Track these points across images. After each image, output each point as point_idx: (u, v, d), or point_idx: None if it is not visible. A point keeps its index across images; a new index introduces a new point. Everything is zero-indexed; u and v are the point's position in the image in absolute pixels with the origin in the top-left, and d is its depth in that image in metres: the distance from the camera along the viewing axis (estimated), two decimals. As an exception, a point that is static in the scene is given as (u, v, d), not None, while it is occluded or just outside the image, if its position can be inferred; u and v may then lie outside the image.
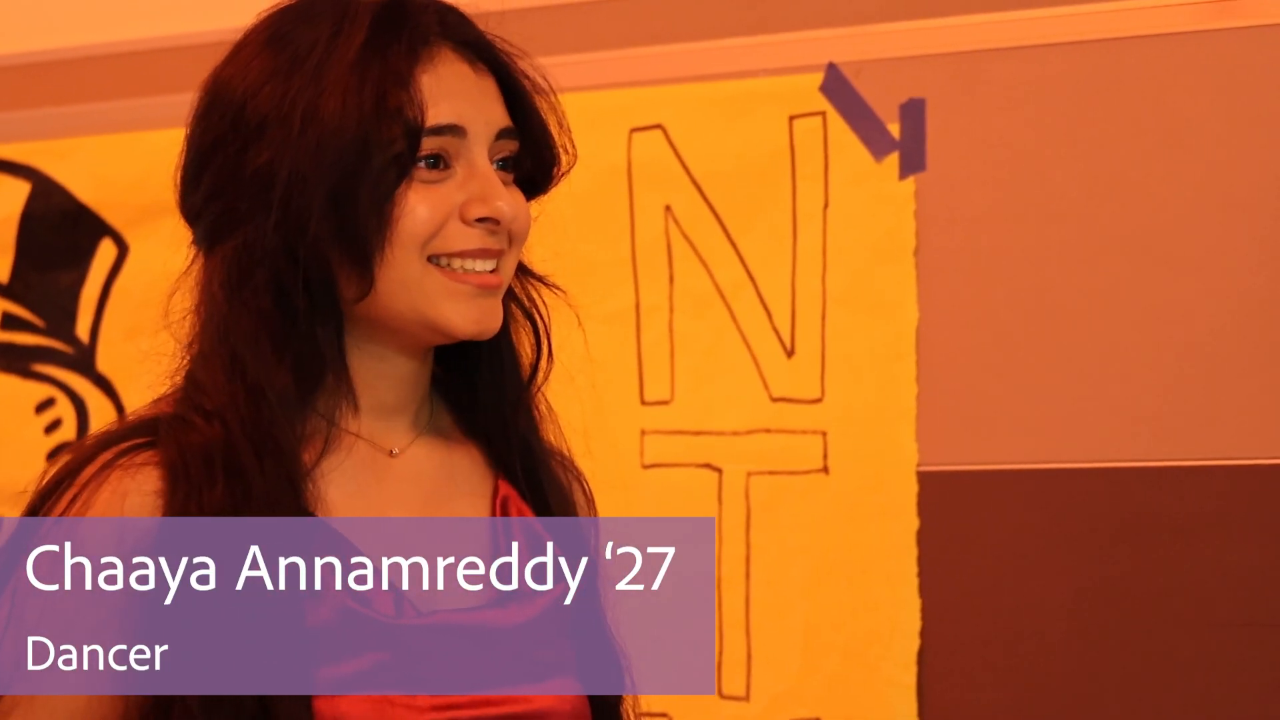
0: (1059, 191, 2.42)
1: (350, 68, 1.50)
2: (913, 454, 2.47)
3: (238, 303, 1.51)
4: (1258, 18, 2.35)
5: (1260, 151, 2.33)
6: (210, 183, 1.54)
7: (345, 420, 1.56)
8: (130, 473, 1.49)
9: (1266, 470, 2.32)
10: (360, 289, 1.52)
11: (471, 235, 1.54)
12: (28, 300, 3.03)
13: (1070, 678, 2.40)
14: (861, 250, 2.51)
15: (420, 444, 1.61)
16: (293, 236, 1.50)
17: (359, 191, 1.49)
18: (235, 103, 1.53)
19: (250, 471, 1.48)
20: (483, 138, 1.55)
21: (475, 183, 1.54)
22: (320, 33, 1.53)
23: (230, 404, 1.50)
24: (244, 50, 1.56)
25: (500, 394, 1.64)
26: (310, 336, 1.52)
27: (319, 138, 1.49)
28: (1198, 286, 2.36)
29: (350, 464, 1.56)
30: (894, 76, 2.50)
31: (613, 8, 2.62)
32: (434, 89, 1.52)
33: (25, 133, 3.02)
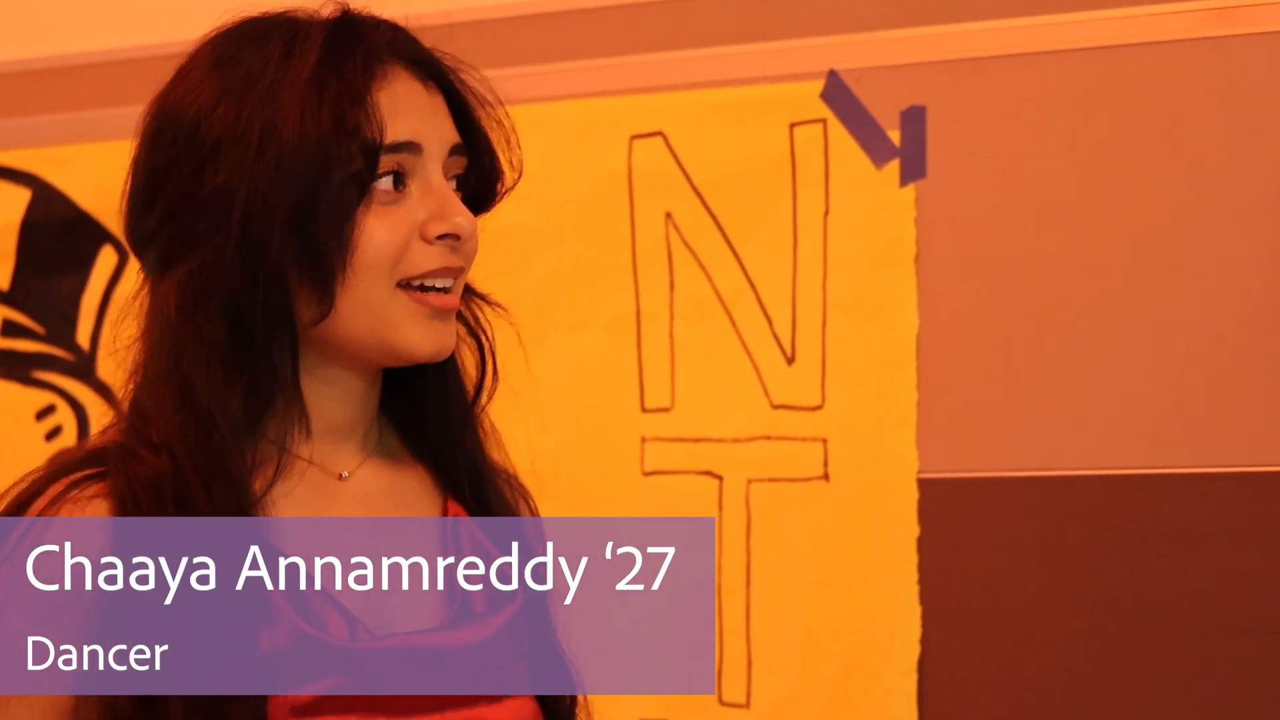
0: (1060, 198, 2.42)
1: (306, 85, 1.50)
2: (913, 461, 2.47)
3: (191, 327, 1.50)
4: (1258, 25, 2.35)
5: (1261, 158, 2.33)
6: (164, 206, 1.53)
7: (296, 445, 1.55)
8: (80, 506, 1.49)
9: (1267, 477, 2.32)
10: (319, 310, 1.51)
11: (434, 254, 1.54)
12: (28, 307, 3.03)
13: (1071, 685, 2.40)
14: (862, 257, 2.51)
15: (369, 466, 1.61)
16: (252, 257, 1.49)
17: (319, 212, 1.49)
18: (187, 124, 1.53)
19: (199, 503, 1.47)
20: (437, 154, 1.55)
21: (432, 200, 1.54)
22: (272, 52, 1.53)
23: (179, 434, 1.49)
24: (191, 73, 1.56)
25: (446, 413, 1.64)
26: (265, 359, 1.51)
27: (278, 156, 1.49)
28: (1198, 293, 2.36)
29: (301, 489, 1.56)
30: (895, 83, 2.50)
31: (613, 15, 2.62)
32: (390, 106, 1.52)
33: (26, 139, 3.02)
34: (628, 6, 2.62)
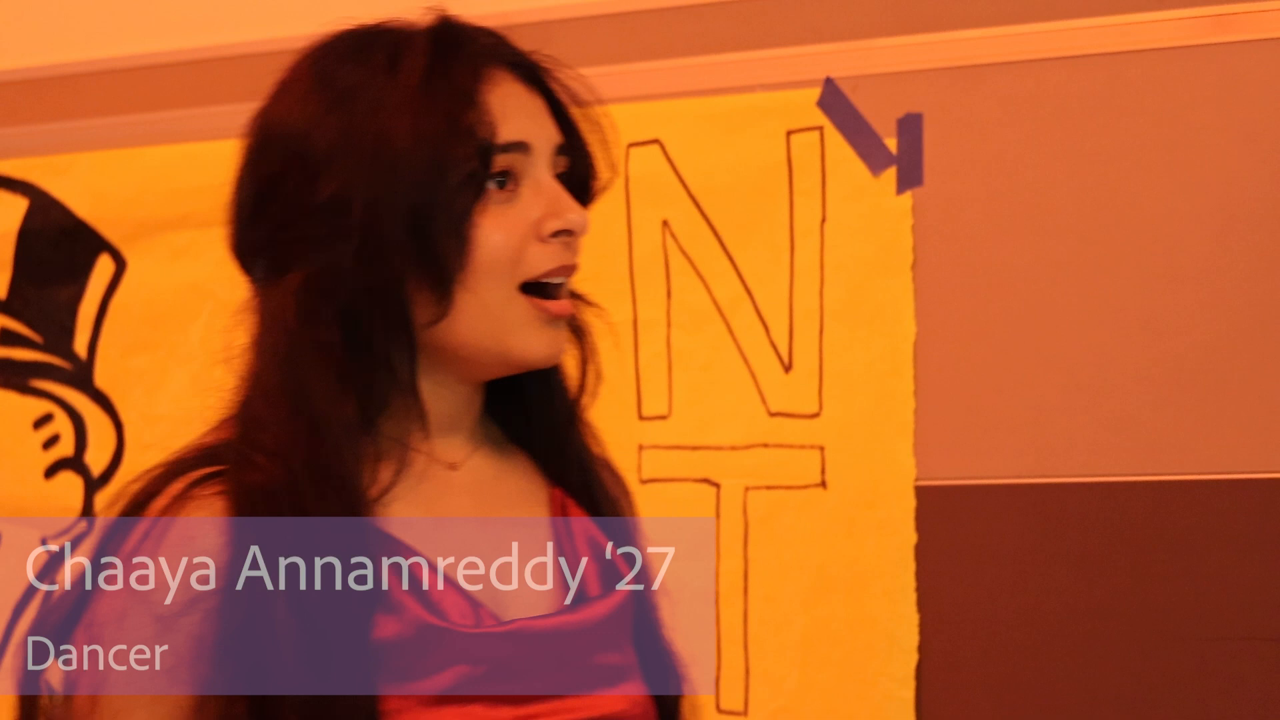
0: (1057, 206, 2.42)
1: (417, 90, 1.52)
2: (910, 468, 2.47)
3: (307, 333, 1.52)
4: (1256, 32, 2.35)
5: (1257, 164, 2.33)
6: (275, 216, 1.55)
7: (414, 440, 1.58)
8: (199, 505, 1.50)
9: (1265, 484, 2.32)
10: (438, 312, 1.53)
11: (551, 253, 1.56)
12: (25, 316, 3.03)
13: (1068, 692, 2.40)
14: (859, 265, 2.51)
15: (478, 456, 1.63)
16: (371, 262, 1.51)
17: (436, 213, 1.51)
18: (296, 135, 1.54)
19: (314, 512, 1.49)
20: (544, 154, 1.58)
21: (544, 198, 1.57)
22: (376, 62, 1.54)
23: (292, 442, 1.51)
24: (293, 88, 1.57)
25: (553, 411, 1.67)
26: (383, 363, 1.53)
27: (393, 161, 1.51)
28: (1195, 300, 2.36)
29: (418, 483, 1.58)
30: (891, 91, 2.50)
31: (610, 23, 2.62)
32: (499, 107, 1.55)
33: (23, 148, 3.02)
34: (624, 14, 2.62)
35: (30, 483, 3.01)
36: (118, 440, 2.96)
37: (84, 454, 2.98)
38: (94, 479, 2.97)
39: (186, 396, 2.91)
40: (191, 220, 2.89)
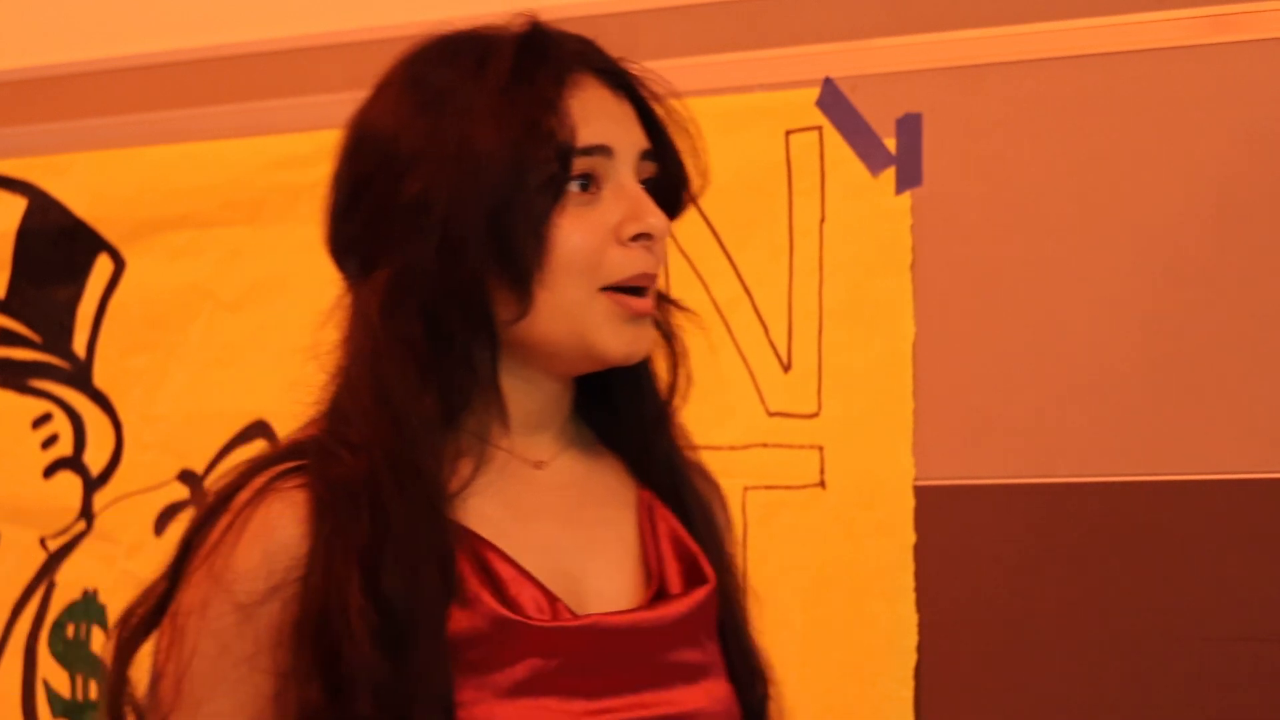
0: (1056, 206, 2.42)
1: (500, 94, 1.55)
2: (909, 468, 2.47)
3: (390, 329, 1.55)
4: (1255, 32, 2.35)
5: (1256, 164, 2.33)
6: (364, 214, 1.59)
7: (496, 437, 1.60)
8: (280, 497, 1.53)
9: (1264, 484, 2.32)
10: (518, 310, 1.56)
11: (631, 258, 1.58)
12: (24, 315, 3.03)
13: (1068, 693, 2.40)
14: (858, 265, 2.51)
15: (565, 456, 1.66)
16: (451, 259, 1.54)
17: (515, 213, 1.54)
18: (386, 137, 1.58)
19: (393, 504, 1.52)
20: (628, 158, 1.60)
21: (626, 202, 1.59)
22: (465, 66, 1.58)
23: (375, 436, 1.54)
24: (387, 91, 1.62)
25: (642, 414, 1.69)
26: (463, 359, 1.56)
27: (474, 163, 1.54)
28: (1194, 300, 2.36)
29: (499, 477, 1.60)
30: (890, 91, 2.50)
31: (607, 23, 2.62)
32: (581, 112, 1.57)
33: (22, 148, 3.02)
34: (622, 14, 2.62)
35: (29, 482, 3.01)
36: (116, 440, 2.96)
37: (83, 453, 2.98)
38: (92, 479, 2.97)
39: (185, 396, 2.91)
40: (190, 220, 2.90)
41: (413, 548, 1.51)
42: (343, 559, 1.50)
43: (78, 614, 2.97)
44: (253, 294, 2.87)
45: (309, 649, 1.50)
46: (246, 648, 1.51)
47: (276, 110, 2.84)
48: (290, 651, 1.51)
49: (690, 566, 1.66)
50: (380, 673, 1.48)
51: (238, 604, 1.51)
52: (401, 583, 1.50)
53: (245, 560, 1.52)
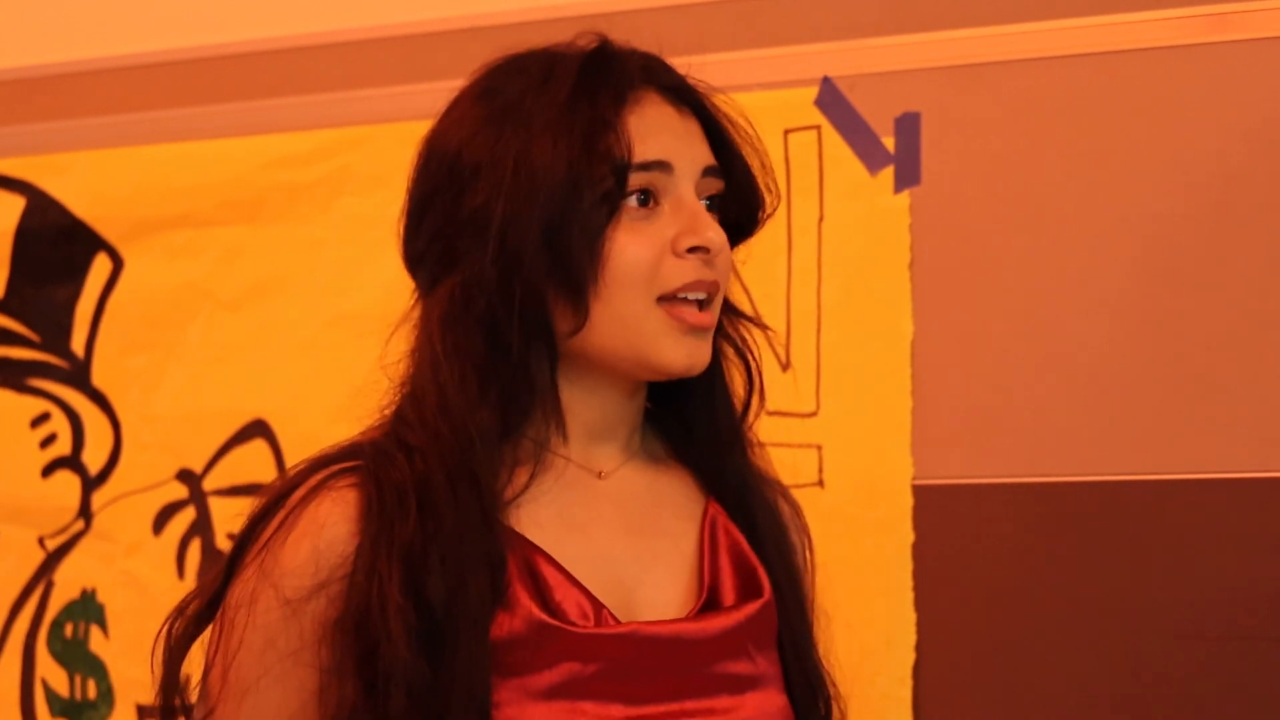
0: (1054, 205, 2.42)
1: (559, 113, 1.58)
2: (908, 467, 2.47)
3: (451, 339, 1.58)
4: (1253, 31, 2.35)
5: (1256, 163, 2.33)
6: (430, 228, 1.62)
7: (555, 446, 1.62)
8: (332, 495, 1.56)
9: (1263, 483, 2.32)
10: (575, 323, 1.58)
11: (687, 268, 1.60)
12: (23, 315, 3.03)
13: (1065, 691, 2.40)
14: (856, 264, 2.51)
15: (630, 467, 1.67)
16: (509, 272, 1.57)
17: (571, 228, 1.56)
18: (451, 152, 1.61)
19: (443, 505, 1.54)
20: (689, 174, 1.62)
21: (683, 216, 1.60)
22: (530, 82, 1.61)
23: (433, 442, 1.57)
24: (458, 106, 1.65)
25: (715, 429, 1.70)
26: (522, 369, 1.58)
27: (531, 178, 1.56)
28: (1193, 300, 2.36)
29: (556, 485, 1.62)
30: (889, 90, 2.50)
31: (606, 22, 2.61)
32: (640, 129, 1.60)
33: (20, 147, 3.02)
34: (620, 14, 2.61)
35: (27, 481, 3.01)
36: (115, 439, 2.96)
37: (81, 453, 2.98)
38: (91, 478, 2.97)
39: (184, 395, 2.91)
40: (189, 219, 2.90)
41: (461, 553, 1.53)
42: (386, 558, 1.52)
43: (76, 613, 2.97)
44: (251, 293, 2.87)
45: (349, 645, 1.52)
46: (292, 642, 1.54)
47: (275, 109, 2.84)
48: (332, 647, 1.53)
49: (748, 580, 1.67)
50: (415, 673, 1.50)
51: (285, 599, 1.54)
52: (445, 587, 1.52)
53: (294, 557, 1.55)
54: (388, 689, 1.50)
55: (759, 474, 1.74)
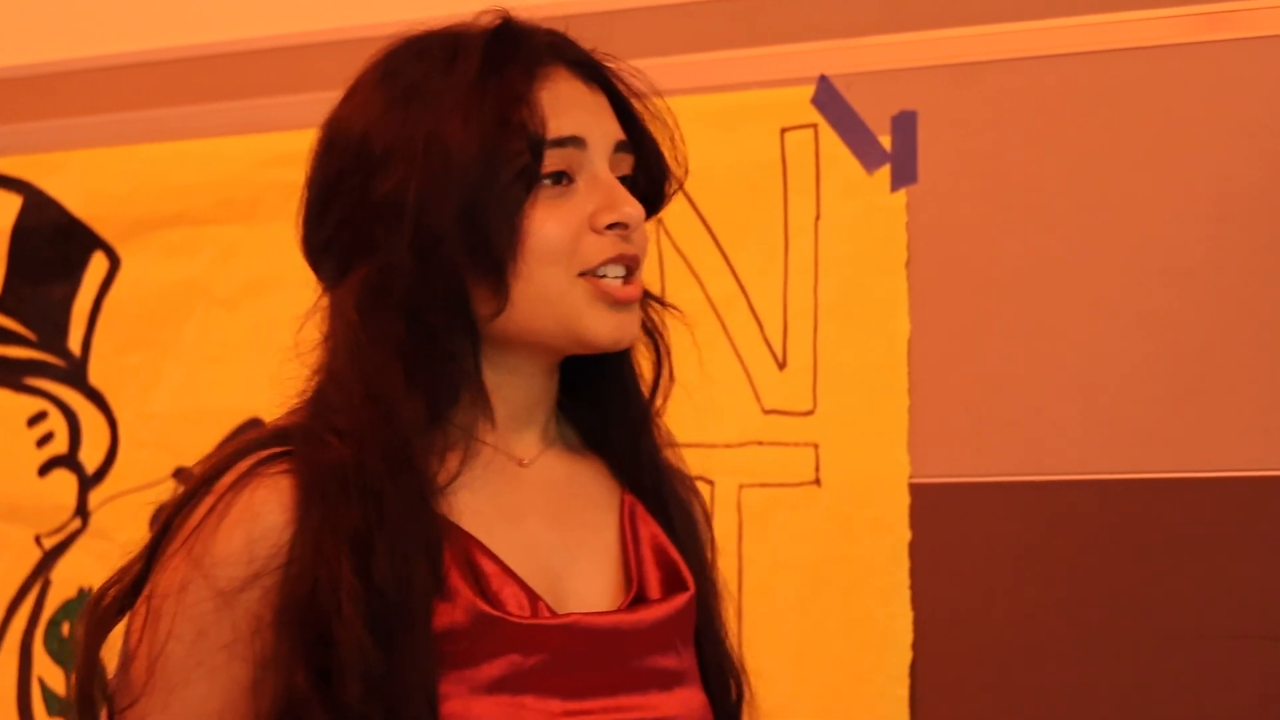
0: (1051, 203, 2.42)
1: (469, 89, 1.55)
2: (905, 466, 2.47)
3: (371, 328, 1.55)
4: (1248, 30, 2.35)
5: (1251, 162, 2.34)
6: (337, 215, 1.58)
7: (482, 432, 1.60)
8: (265, 483, 1.52)
9: (1260, 482, 2.32)
10: (496, 304, 1.56)
11: (606, 244, 1.57)
12: (20, 314, 3.02)
13: (1063, 690, 2.40)
14: (853, 262, 2.51)
15: (550, 455, 1.65)
16: (425, 256, 1.54)
17: (488, 207, 1.53)
18: (356, 136, 1.58)
19: (384, 492, 1.51)
20: (602, 149, 1.59)
21: (600, 191, 1.58)
22: (434, 62, 1.58)
23: (363, 426, 1.53)
24: (359, 90, 1.62)
25: (626, 413, 1.68)
26: (446, 356, 1.55)
27: (445, 157, 1.53)
28: (1190, 298, 2.36)
29: (484, 473, 1.60)
30: (885, 89, 2.50)
31: (602, 21, 2.61)
32: (553, 104, 1.57)
33: (17, 146, 3.02)
34: (617, 13, 2.62)
35: (24, 480, 3.01)
36: (111, 438, 2.96)
37: (78, 451, 2.98)
38: (88, 476, 2.97)
39: (181, 394, 2.91)
40: (186, 218, 2.89)
41: (404, 538, 1.50)
42: (334, 542, 1.49)
43: (73, 612, 2.97)
44: (248, 292, 2.87)
45: (295, 634, 1.48)
46: (225, 635, 1.50)
47: (271, 108, 2.84)
48: (273, 639, 1.49)
49: (670, 573, 1.65)
50: (370, 657, 1.47)
51: (218, 590, 1.49)
52: (393, 571, 1.49)
53: (226, 545, 1.50)
54: (342, 676, 1.47)
55: (669, 463, 1.72)
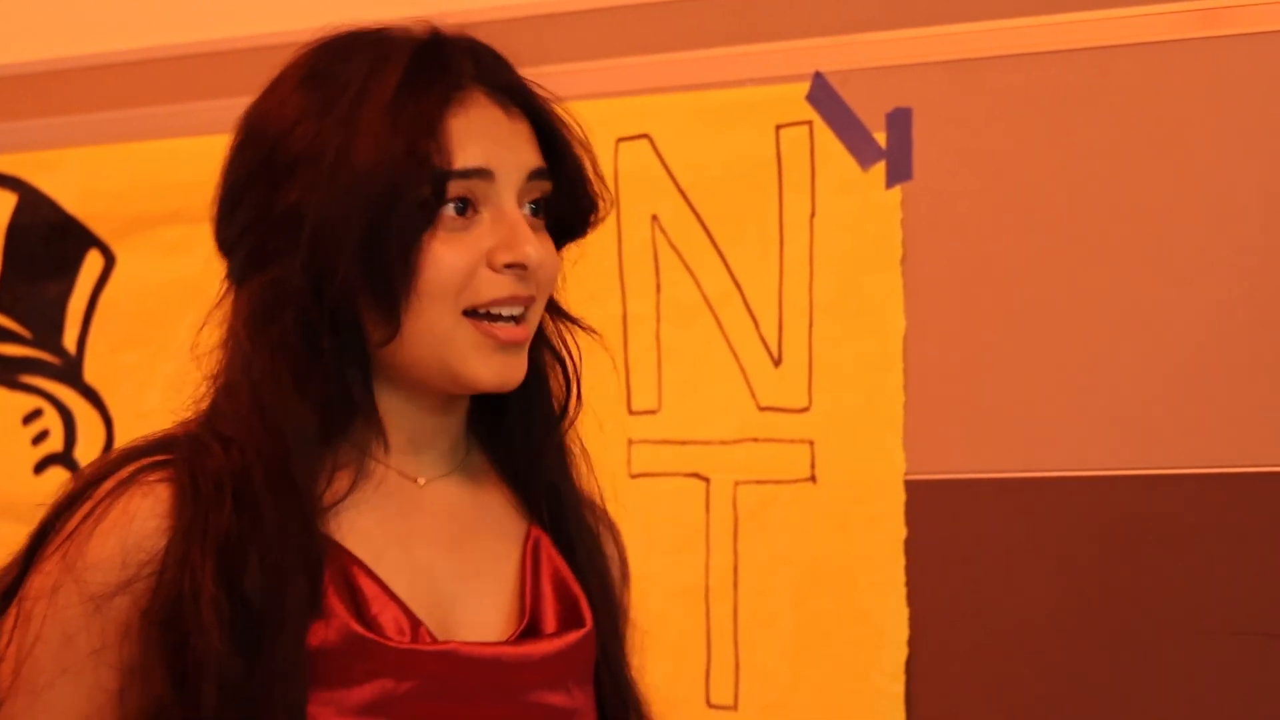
0: (1045, 200, 2.43)
1: (383, 112, 1.51)
2: (900, 463, 2.47)
3: (261, 340, 1.52)
4: (1242, 26, 2.35)
5: (1247, 158, 2.34)
6: (243, 217, 1.56)
7: (376, 453, 1.56)
8: (143, 490, 1.49)
9: (1255, 478, 2.32)
10: (386, 333, 1.52)
11: (501, 282, 1.53)
12: (15, 311, 3.02)
13: (1059, 687, 2.40)
14: (848, 259, 2.51)
15: (452, 479, 1.61)
16: (320, 278, 1.51)
17: (387, 237, 1.49)
18: (269, 139, 1.54)
19: (263, 503, 1.48)
20: (512, 181, 1.55)
21: (503, 228, 1.53)
22: (356, 71, 1.53)
23: (249, 435, 1.50)
24: (281, 85, 1.57)
25: (529, 436, 1.63)
26: (338, 376, 1.52)
27: (349, 182, 1.50)
28: (1185, 294, 2.36)
29: (377, 494, 1.56)
30: (880, 85, 2.50)
31: (599, 18, 2.62)
32: (463, 133, 1.52)
33: (12, 144, 3.02)
34: (613, 10, 2.62)
35: (19, 478, 3.01)
36: (107, 436, 2.96)
37: (73, 449, 2.98)
38: (84, 475, 2.96)
39: (176, 392, 2.91)
40: (181, 216, 2.89)
41: (279, 551, 1.47)
42: (200, 547, 1.46)
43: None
44: (243, 290, 2.86)
45: (157, 639, 1.46)
46: (93, 640, 1.47)
47: (267, 106, 2.84)
48: (137, 644, 1.47)
49: (569, 608, 1.60)
50: (228, 666, 1.44)
51: (89, 594, 1.47)
52: (264, 584, 1.46)
53: (100, 551, 1.48)
54: (199, 683, 1.44)
55: (579, 495, 1.67)
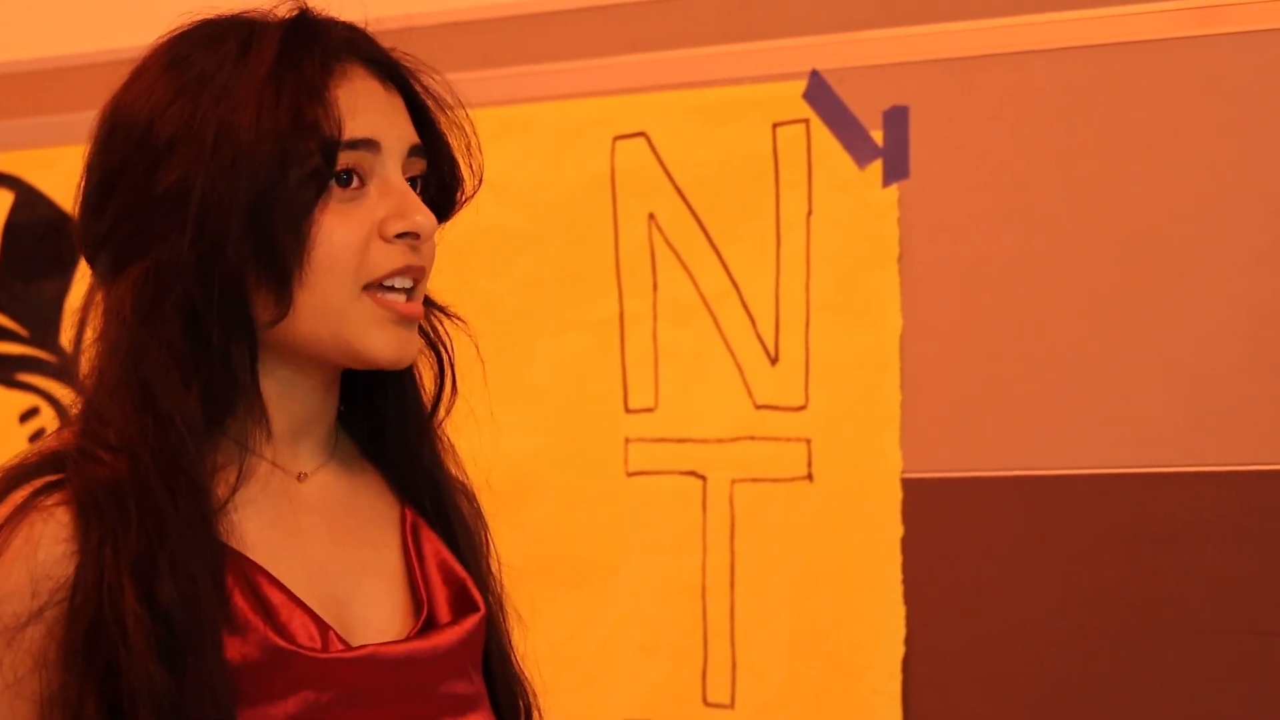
0: (1043, 198, 2.42)
1: (264, 82, 1.48)
2: (897, 461, 2.47)
3: (148, 328, 1.48)
4: (1241, 24, 2.35)
5: (1245, 156, 2.33)
6: (117, 206, 1.51)
7: (258, 445, 1.53)
8: (43, 515, 1.45)
9: (1257, 476, 2.32)
10: (277, 311, 1.49)
11: (394, 254, 1.51)
12: (12, 310, 3.02)
13: (1057, 687, 2.40)
14: (845, 257, 2.51)
15: (328, 469, 1.58)
16: (208, 255, 1.47)
17: (276, 208, 1.47)
18: (140, 124, 1.50)
19: (163, 506, 1.44)
20: (395, 153, 1.53)
21: (392, 199, 1.52)
22: (227, 51, 1.50)
23: (139, 436, 1.46)
24: (144, 75, 1.54)
25: (405, 426, 1.62)
26: (223, 361, 1.48)
27: (234, 153, 1.46)
28: (1184, 292, 2.36)
29: (262, 492, 1.53)
30: (877, 83, 2.50)
31: (595, 16, 2.61)
32: (349, 103, 1.50)
33: (9, 142, 3.01)
34: (610, 7, 2.61)
35: (17, 477, 3.00)
36: (104, 434, 2.95)
37: (70, 448, 2.97)
38: (81, 473, 2.96)
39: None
40: (178, 214, 2.89)
41: (187, 555, 1.43)
42: (114, 566, 1.42)
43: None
44: (240, 288, 2.86)
45: (82, 667, 1.41)
46: (6, 674, 1.43)
47: (264, 104, 2.84)
48: (59, 672, 1.42)
49: (458, 592, 1.59)
50: (160, 685, 1.41)
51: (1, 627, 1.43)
52: (178, 592, 1.42)
53: (6, 582, 1.43)
54: (133, 707, 1.40)
55: (449, 476, 1.66)
